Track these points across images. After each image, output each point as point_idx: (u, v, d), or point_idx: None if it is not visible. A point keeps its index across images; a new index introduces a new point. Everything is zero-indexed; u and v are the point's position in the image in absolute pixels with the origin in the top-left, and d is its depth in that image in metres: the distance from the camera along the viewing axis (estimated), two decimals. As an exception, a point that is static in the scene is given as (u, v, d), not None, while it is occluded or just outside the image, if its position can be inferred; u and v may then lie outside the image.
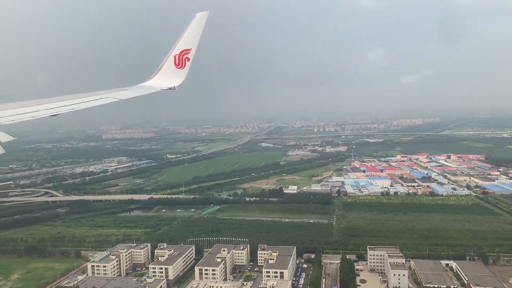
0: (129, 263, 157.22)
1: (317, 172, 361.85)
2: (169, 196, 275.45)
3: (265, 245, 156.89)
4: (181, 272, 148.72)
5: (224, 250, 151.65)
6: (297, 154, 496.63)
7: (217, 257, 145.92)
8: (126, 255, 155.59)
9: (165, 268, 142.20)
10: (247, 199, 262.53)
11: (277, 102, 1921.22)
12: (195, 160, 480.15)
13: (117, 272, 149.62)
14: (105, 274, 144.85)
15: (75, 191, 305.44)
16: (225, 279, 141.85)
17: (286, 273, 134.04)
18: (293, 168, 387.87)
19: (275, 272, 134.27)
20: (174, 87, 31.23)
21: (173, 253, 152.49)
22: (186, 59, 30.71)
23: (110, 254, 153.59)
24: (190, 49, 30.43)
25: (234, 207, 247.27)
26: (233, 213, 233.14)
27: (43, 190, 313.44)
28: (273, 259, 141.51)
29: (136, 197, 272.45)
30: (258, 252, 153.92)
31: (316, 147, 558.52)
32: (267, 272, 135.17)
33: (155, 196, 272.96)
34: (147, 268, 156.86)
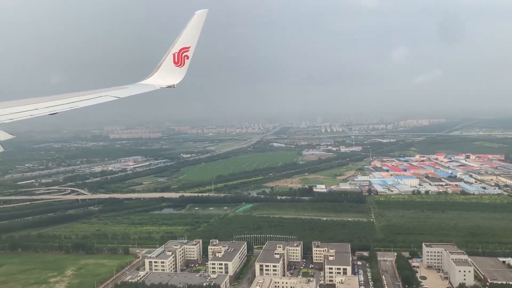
0: (182, 260, 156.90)
1: (338, 172, 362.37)
2: (199, 194, 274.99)
3: (319, 242, 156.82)
4: (237, 268, 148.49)
5: (279, 247, 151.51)
6: (312, 154, 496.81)
7: (275, 254, 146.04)
8: (179, 252, 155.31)
9: (224, 264, 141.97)
10: (278, 197, 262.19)
11: (277, 103, 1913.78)
12: (211, 160, 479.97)
13: (173, 268, 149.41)
14: (163, 270, 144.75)
15: (101, 189, 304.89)
16: (283, 275, 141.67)
17: (349, 269, 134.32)
18: (313, 167, 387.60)
19: (338, 269, 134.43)
20: (173, 85, 30.84)
21: (228, 249, 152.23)
22: (185, 57, 30.39)
23: (165, 250, 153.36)
24: (189, 47, 30.12)
25: (267, 206, 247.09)
26: (267, 211, 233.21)
27: (69, 188, 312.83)
28: (333, 255, 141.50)
29: (166, 195, 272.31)
30: (313, 249, 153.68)
31: (329, 147, 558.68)
32: (330, 268, 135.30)
33: (186, 194, 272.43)
34: (200, 264, 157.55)
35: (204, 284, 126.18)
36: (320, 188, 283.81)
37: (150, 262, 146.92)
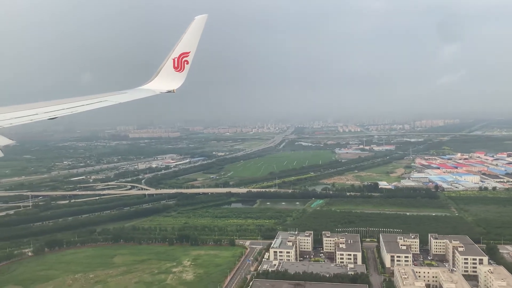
0: (298, 250, 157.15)
1: (387, 169, 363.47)
2: (266, 189, 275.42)
3: (436, 234, 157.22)
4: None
5: (400, 239, 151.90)
6: (347, 152, 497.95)
7: (401, 245, 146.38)
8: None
9: (353, 254, 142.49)
10: (348, 193, 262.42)
11: (281, 105, 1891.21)
12: (248, 158, 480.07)
13: (295, 258, 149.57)
14: (288, 259, 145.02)
15: (161, 184, 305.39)
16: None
17: (485, 259, 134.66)
18: (359, 165, 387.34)
19: (474, 259, 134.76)
20: (173, 90, 30.86)
21: (347, 241, 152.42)
22: (185, 62, 30.49)
23: (285, 241, 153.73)
24: (189, 52, 30.23)
25: (339, 201, 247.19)
26: (344, 206, 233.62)
27: (127, 184, 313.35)
28: (462, 246, 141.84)
29: (233, 190, 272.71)
30: (432, 241, 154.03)
31: (361, 146, 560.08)
32: (465, 259, 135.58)
33: (253, 190, 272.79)
34: (314, 255, 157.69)
35: (349, 273, 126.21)
36: (384, 184, 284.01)
37: (275, 252, 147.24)
